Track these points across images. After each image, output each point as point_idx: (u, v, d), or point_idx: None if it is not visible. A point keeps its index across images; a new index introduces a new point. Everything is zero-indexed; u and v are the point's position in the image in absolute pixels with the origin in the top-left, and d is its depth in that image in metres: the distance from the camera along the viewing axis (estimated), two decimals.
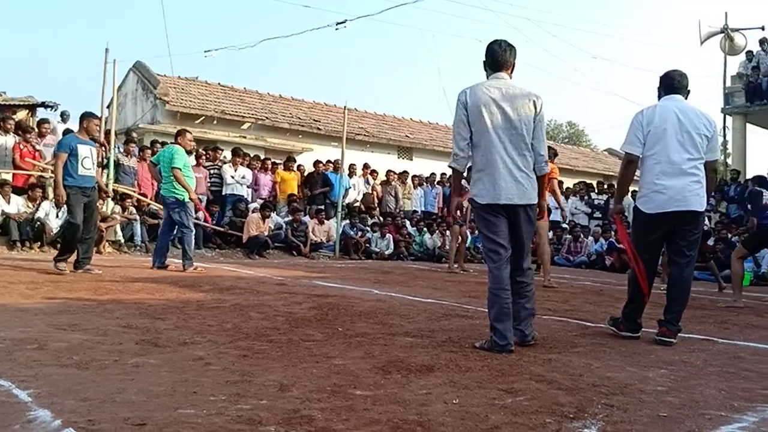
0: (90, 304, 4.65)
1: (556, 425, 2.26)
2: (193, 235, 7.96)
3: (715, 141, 4.29)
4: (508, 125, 3.62)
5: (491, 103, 3.61)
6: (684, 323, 4.28)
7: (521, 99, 3.66)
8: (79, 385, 2.50)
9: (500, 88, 3.66)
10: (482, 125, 3.60)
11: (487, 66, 3.79)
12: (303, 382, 2.70)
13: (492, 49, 3.77)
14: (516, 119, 3.62)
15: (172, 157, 7.74)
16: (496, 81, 3.70)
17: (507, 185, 3.60)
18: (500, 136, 3.61)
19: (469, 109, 3.63)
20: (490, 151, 3.61)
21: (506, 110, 3.62)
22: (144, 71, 17.33)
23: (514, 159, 3.63)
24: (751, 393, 2.85)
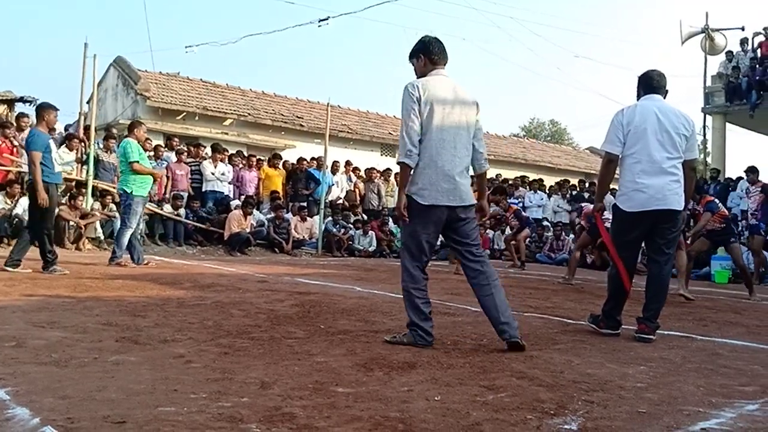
0: (69, 302, 4.60)
1: (537, 421, 2.27)
2: (129, 232, 7.75)
3: (694, 140, 4.35)
4: (456, 125, 3.60)
5: (444, 102, 3.58)
6: (663, 320, 4.33)
7: (468, 101, 3.68)
8: (58, 383, 2.48)
9: (453, 88, 3.66)
10: (433, 121, 3.54)
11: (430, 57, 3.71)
12: (284, 380, 2.69)
13: (431, 41, 3.74)
14: (464, 121, 3.63)
15: (126, 152, 7.65)
16: (442, 79, 3.66)
17: (448, 186, 3.56)
18: (448, 135, 3.57)
19: (422, 103, 3.54)
20: (437, 151, 3.55)
21: (456, 110, 3.61)
22: (124, 66, 17.16)
23: (457, 160, 3.60)
24: (729, 389, 2.89)
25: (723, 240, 7.86)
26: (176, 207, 11.51)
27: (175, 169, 12.07)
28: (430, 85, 3.58)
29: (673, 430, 2.25)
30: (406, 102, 3.55)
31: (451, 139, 3.57)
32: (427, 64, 3.71)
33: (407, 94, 3.56)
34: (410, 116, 3.52)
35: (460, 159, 3.61)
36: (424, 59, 3.72)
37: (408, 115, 3.52)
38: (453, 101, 3.61)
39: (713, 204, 7.57)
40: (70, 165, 11.20)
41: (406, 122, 3.52)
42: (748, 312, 6.27)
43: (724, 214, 7.67)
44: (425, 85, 3.58)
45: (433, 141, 3.54)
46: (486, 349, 3.55)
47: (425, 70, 3.70)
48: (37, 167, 6.40)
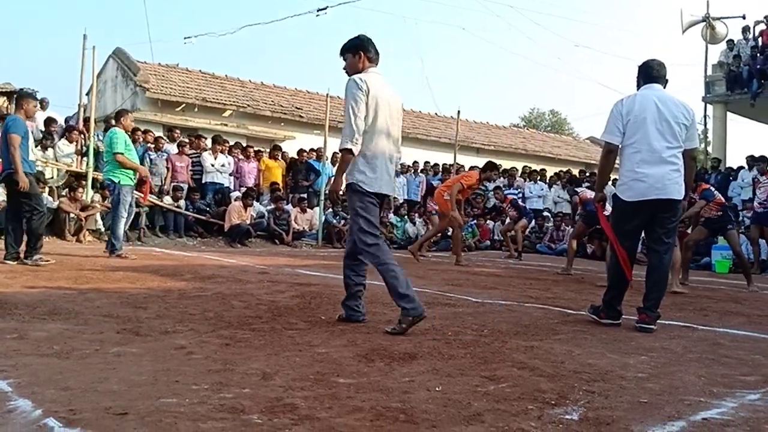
0: (70, 293, 4.61)
1: (538, 412, 2.28)
2: (122, 222, 7.74)
3: (694, 129, 4.34)
4: (394, 121, 3.89)
5: (383, 98, 3.81)
6: (664, 310, 4.34)
7: (398, 98, 3.98)
8: (59, 375, 2.48)
9: (387, 86, 3.90)
10: (378, 116, 3.76)
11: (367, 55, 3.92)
12: (286, 371, 2.70)
13: (370, 41, 3.97)
14: (396, 116, 3.92)
15: (111, 142, 7.60)
16: (378, 77, 3.88)
17: (388, 177, 3.87)
18: (389, 130, 3.84)
19: (369, 97, 3.73)
20: (380, 144, 3.79)
21: (392, 106, 3.87)
22: (124, 58, 17.10)
23: (392, 153, 3.90)
24: (731, 379, 2.90)
25: (720, 228, 7.84)
26: (176, 198, 11.50)
27: (176, 161, 12.05)
28: (372, 81, 3.79)
29: (674, 419, 2.25)
30: (355, 94, 3.73)
31: (389, 132, 3.86)
32: (364, 62, 3.92)
33: (355, 87, 3.74)
34: (358, 107, 3.71)
35: (396, 151, 3.95)
36: (363, 57, 3.92)
37: (357, 105, 3.71)
38: (389, 98, 3.87)
39: (708, 192, 7.54)
40: (70, 157, 11.19)
41: (354, 113, 3.70)
42: (749, 302, 6.27)
43: (720, 202, 7.65)
44: (369, 80, 3.77)
45: (377, 133, 3.78)
46: (487, 340, 3.56)
47: (360, 68, 3.90)
48: (17, 150, 6.29)
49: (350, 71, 3.92)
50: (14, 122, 6.42)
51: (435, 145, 19.95)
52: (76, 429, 1.91)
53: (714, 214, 7.57)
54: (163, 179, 11.83)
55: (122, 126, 7.82)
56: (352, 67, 3.93)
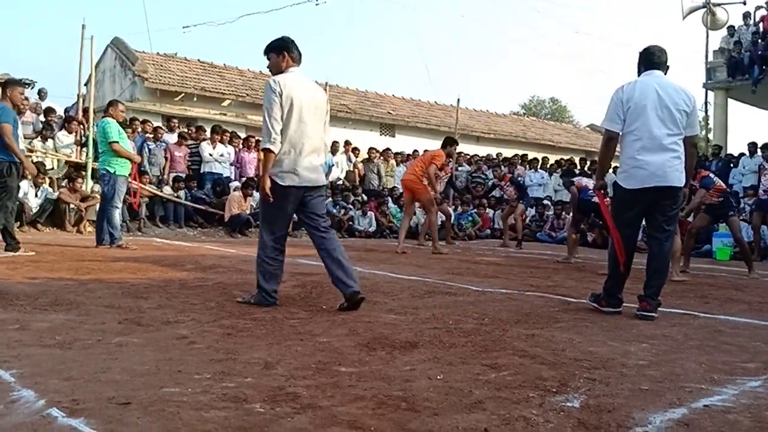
0: (71, 284, 4.61)
1: (539, 399, 2.28)
2: (118, 212, 7.74)
3: (695, 116, 4.32)
4: (313, 117, 4.09)
5: (301, 97, 4.01)
6: (664, 298, 4.34)
7: (320, 96, 4.21)
8: (62, 365, 2.49)
9: (308, 85, 4.15)
10: (294, 114, 3.98)
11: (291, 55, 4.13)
12: (288, 360, 2.71)
13: (293, 42, 4.18)
14: (317, 114, 4.13)
15: (105, 132, 7.55)
16: (298, 77, 4.10)
17: (308, 170, 4.06)
18: (307, 125, 4.03)
19: (283, 98, 3.95)
20: (299, 139, 4.01)
21: (311, 105, 4.07)
22: (122, 47, 17.05)
23: (315, 146, 4.11)
24: (731, 366, 2.90)
25: (721, 214, 7.84)
26: (176, 189, 11.49)
27: (174, 150, 12.03)
28: (290, 82, 4.01)
29: (675, 407, 2.26)
30: (270, 96, 3.96)
31: (306, 129, 4.04)
32: (288, 62, 4.13)
33: (269, 89, 3.97)
34: (273, 108, 3.94)
35: (315, 146, 4.12)
36: (286, 57, 4.13)
37: (271, 107, 3.94)
38: (308, 96, 4.08)
39: (708, 179, 7.52)
40: (70, 148, 11.17)
41: (269, 114, 3.94)
42: (749, 289, 6.28)
43: (720, 188, 7.63)
44: (285, 81, 3.99)
45: (292, 131, 3.98)
46: (487, 328, 3.56)
47: (284, 67, 4.11)
48: (11, 138, 6.21)
49: (273, 70, 4.16)
50: (2, 111, 6.35)
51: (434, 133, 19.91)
52: (80, 419, 1.92)
53: (715, 201, 7.56)
54: (162, 169, 11.82)
55: (113, 116, 7.79)
56: (275, 66, 4.15)
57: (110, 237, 7.64)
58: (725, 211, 7.74)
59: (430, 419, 2.04)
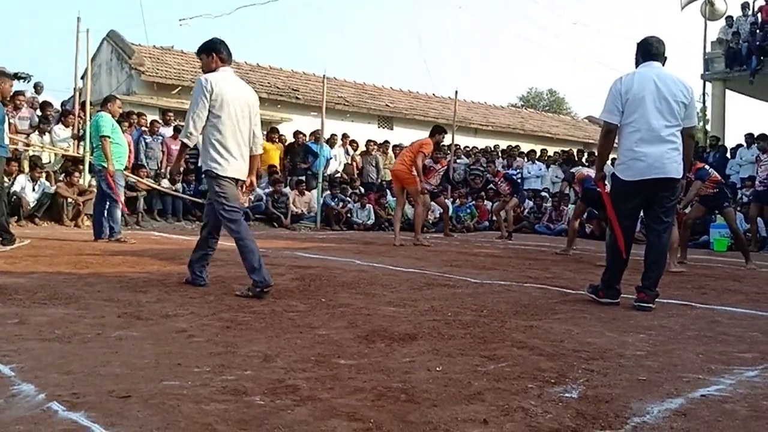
0: (70, 278, 4.61)
1: (537, 390, 2.30)
2: (118, 206, 7.73)
3: (693, 108, 4.33)
4: (245, 113, 4.36)
5: (232, 96, 4.27)
6: (662, 289, 4.35)
7: (249, 95, 4.47)
8: (62, 359, 2.49)
9: (238, 85, 4.41)
10: (225, 110, 4.23)
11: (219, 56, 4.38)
12: (287, 353, 2.71)
13: (222, 43, 4.42)
14: (246, 112, 4.38)
15: (98, 126, 7.52)
16: (228, 76, 4.36)
17: (242, 162, 4.38)
18: (238, 121, 4.31)
19: (213, 95, 4.20)
20: (230, 134, 4.27)
21: (241, 103, 4.33)
22: (118, 41, 16.97)
23: (245, 141, 4.40)
24: (728, 356, 2.92)
25: (717, 205, 7.86)
26: (173, 182, 11.48)
27: (171, 144, 11.99)
28: (220, 81, 4.25)
29: (673, 397, 2.27)
30: (199, 93, 4.20)
31: (239, 123, 4.31)
32: (217, 62, 4.36)
33: (199, 87, 4.21)
34: (199, 105, 4.19)
35: (244, 141, 4.40)
36: (215, 57, 4.37)
37: (197, 104, 4.19)
38: (238, 95, 4.34)
39: (703, 171, 7.52)
40: (67, 141, 11.14)
41: (195, 110, 4.20)
42: (746, 279, 6.30)
43: (716, 179, 7.64)
44: (216, 80, 4.23)
45: (227, 125, 4.25)
46: (486, 320, 3.58)
47: (213, 67, 4.36)
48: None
49: (204, 69, 4.41)
50: None
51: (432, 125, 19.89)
52: (80, 412, 1.93)
53: (710, 192, 7.57)
54: (159, 163, 11.79)
55: (109, 111, 7.77)
56: (206, 66, 4.40)
57: (110, 230, 7.64)
58: (720, 203, 7.75)
59: (430, 411, 2.05)
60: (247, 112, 4.40)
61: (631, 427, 1.97)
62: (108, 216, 7.69)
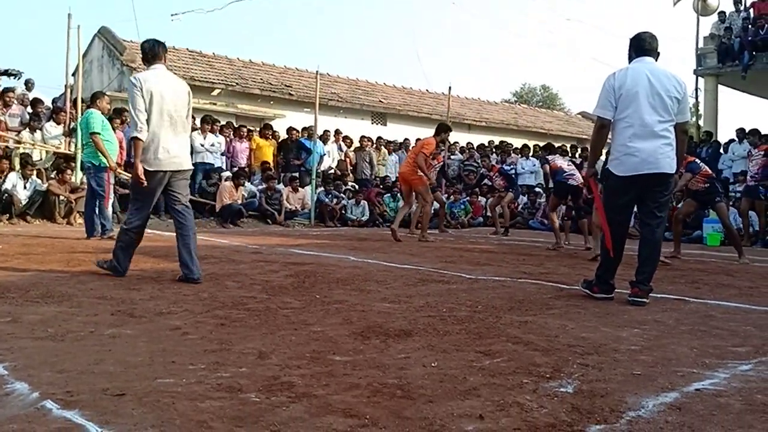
0: (63, 276, 4.59)
1: (533, 385, 2.30)
2: (109, 203, 7.75)
3: (686, 103, 4.33)
4: (173, 109, 4.59)
5: (162, 91, 4.53)
6: (656, 283, 4.37)
7: (181, 89, 4.71)
8: (55, 357, 2.48)
9: (169, 80, 4.66)
10: (155, 106, 4.51)
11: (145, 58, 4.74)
12: (282, 350, 2.71)
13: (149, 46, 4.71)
14: (178, 105, 4.63)
15: (88, 123, 7.49)
16: (158, 73, 4.64)
17: (171, 156, 4.57)
18: (170, 115, 4.57)
19: (143, 91, 4.48)
20: (160, 128, 4.53)
21: (172, 97, 4.59)
22: (109, 37, 16.86)
23: (176, 134, 4.63)
24: (722, 350, 2.93)
25: (708, 200, 7.87)
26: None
27: None
28: (150, 78, 4.56)
29: (667, 391, 2.28)
30: (131, 91, 4.51)
31: (169, 120, 4.56)
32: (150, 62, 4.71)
33: (131, 85, 4.54)
34: (136, 101, 4.48)
35: (177, 134, 4.64)
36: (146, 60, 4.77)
37: (134, 102, 4.49)
38: (169, 90, 4.59)
39: (694, 164, 7.52)
40: (58, 139, 11.07)
41: (134, 107, 4.49)
42: (740, 274, 6.33)
43: (707, 174, 7.65)
44: (145, 77, 4.55)
45: (154, 121, 4.51)
46: (481, 316, 3.58)
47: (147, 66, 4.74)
48: None
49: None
50: None
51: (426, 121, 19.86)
52: (74, 410, 1.92)
53: (701, 187, 7.57)
54: None
55: (98, 107, 7.72)
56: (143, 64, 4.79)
57: (102, 228, 7.62)
58: (712, 197, 7.76)
59: (425, 406, 2.04)
60: (178, 106, 4.64)
61: (626, 421, 1.98)
62: (99, 213, 7.66)
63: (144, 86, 4.49)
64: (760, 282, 5.66)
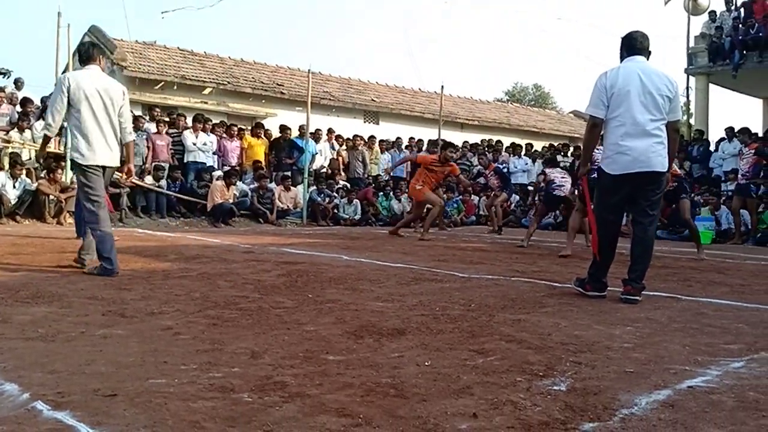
0: (53, 276, 4.56)
1: (526, 383, 2.30)
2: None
3: (677, 101, 4.34)
4: (102, 108, 4.77)
5: (91, 90, 4.73)
6: (648, 281, 4.38)
7: (112, 88, 4.89)
8: (46, 358, 2.46)
9: (100, 79, 4.87)
10: (84, 105, 4.69)
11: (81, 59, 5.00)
12: (275, 349, 2.70)
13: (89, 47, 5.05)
14: (108, 104, 4.81)
15: None
16: (91, 73, 4.85)
17: (106, 150, 4.82)
18: (102, 113, 4.77)
19: (71, 91, 4.67)
20: (92, 125, 4.73)
21: (102, 96, 4.77)
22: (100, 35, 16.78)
23: (111, 131, 4.85)
24: (714, 348, 2.94)
25: (675, 198, 7.99)
26: (157, 178, 11.39)
27: (156, 139, 11.89)
28: (80, 78, 4.77)
29: (660, 388, 2.28)
30: (56, 90, 4.74)
31: (102, 115, 4.77)
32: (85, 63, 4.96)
33: (59, 84, 4.75)
34: (56, 100, 4.70)
35: (107, 132, 4.82)
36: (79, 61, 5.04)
37: (54, 100, 4.73)
38: (99, 89, 4.77)
39: None
40: None
41: (53, 104, 4.71)
42: (731, 272, 6.36)
43: (675, 173, 7.74)
44: (75, 77, 4.76)
45: (87, 117, 4.72)
46: (474, 314, 3.58)
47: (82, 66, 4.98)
48: None
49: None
50: None
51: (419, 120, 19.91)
52: (65, 411, 1.90)
53: (670, 186, 7.66)
54: (144, 159, 11.69)
55: None
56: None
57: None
58: (678, 195, 7.86)
59: (419, 405, 2.04)
60: (110, 105, 4.81)
61: (619, 418, 1.98)
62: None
63: (72, 85, 4.67)
64: (751, 280, 5.69)
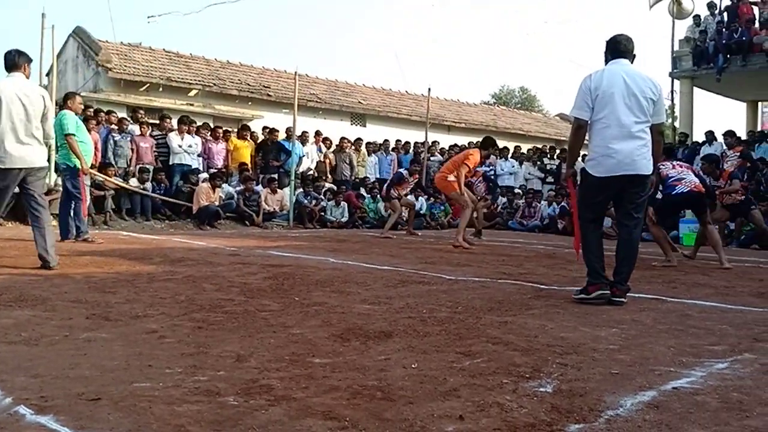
0: (36, 279, 4.51)
1: (512, 385, 2.30)
2: (86, 206, 7.68)
3: (661, 104, 4.38)
4: (21, 114, 4.97)
5: (11, 97, 4.92)
6: (633, 283, 4.40)
7: (34, 94, 5.08)
8: (29, 362, 2.43)
9: (21, 86, 5.02)
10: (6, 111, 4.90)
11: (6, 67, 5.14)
12: (260, 352, 2.68)
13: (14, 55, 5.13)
14: (29, 110, 5.01)
15: (62, 124, 7.35)
16: (15, 81, 5.04)
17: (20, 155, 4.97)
18: (20, 118, 4.97)
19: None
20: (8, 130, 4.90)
21: (22, 103, 4.98)
22: (84, 37, 16.64)
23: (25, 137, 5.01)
24: (699, 349, 2.96)
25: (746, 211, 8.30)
26: (142, 181, 11.30)
27: (140, 142, 11.80)
28: (3, 86, 4.95)
29: (645, 389, 2.29)
30: None
31: (11, 123, 4.93)
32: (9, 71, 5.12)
33: None
34: None
35: (24, 137, 4.99)
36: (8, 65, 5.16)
37: None
38: (18, 96, 4.96)
39: None
40: None
41: None
42: (716, 274, 6.41)
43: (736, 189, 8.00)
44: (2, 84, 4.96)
45: (5, 122, 4.91)
46: (461, 317, 3.58)
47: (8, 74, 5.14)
48: None
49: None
50: None
51: (406, 123, 19.91)
52: (48, 416, 1.88)
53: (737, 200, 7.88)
54: (128, 161, 11.60)
55: (71, 108, 7.61)
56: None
57: (77, 230, 7.51)
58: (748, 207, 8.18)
59: (406, 408, 2.04)
60: (29, 111, 4.99)
61: (604, 420, 1.99)
62: (74, 216, 7.56)
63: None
64: (735, 281, 5.74)
